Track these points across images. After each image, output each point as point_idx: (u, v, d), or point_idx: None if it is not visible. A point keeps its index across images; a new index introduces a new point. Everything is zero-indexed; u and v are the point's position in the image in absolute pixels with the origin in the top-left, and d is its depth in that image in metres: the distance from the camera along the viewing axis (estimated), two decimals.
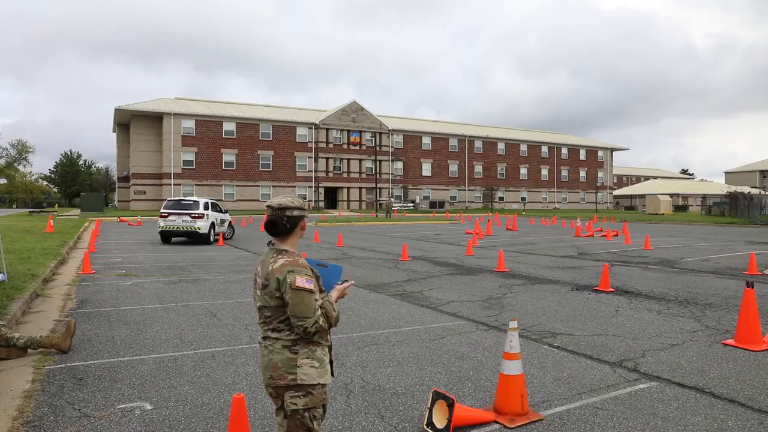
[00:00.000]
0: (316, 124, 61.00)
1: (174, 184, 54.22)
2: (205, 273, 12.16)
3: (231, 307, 8.39)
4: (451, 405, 3.78)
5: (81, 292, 9.64)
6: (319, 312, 2.51)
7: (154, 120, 55.51)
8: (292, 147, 60.20)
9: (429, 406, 3.94)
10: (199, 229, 19.22)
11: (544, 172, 78.07)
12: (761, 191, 53.96)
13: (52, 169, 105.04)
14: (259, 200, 57.81)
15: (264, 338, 2.64)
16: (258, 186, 58.46)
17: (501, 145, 74.46)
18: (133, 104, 55.21)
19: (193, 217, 19.13)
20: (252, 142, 58.11)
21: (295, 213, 2.64)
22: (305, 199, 58.79)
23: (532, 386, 4.83)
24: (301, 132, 60.69)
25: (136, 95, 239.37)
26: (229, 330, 6.88)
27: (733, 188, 58.32)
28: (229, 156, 56.99)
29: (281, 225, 2.62)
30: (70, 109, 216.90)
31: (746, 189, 57.63)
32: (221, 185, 56.67)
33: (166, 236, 19.72)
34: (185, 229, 19.14)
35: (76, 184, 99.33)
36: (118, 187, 63.90)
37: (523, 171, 76.25)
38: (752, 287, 6.27)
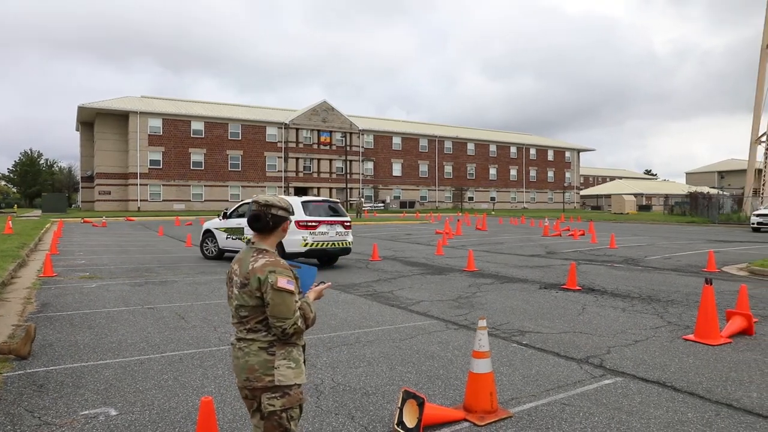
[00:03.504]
0: (286, 124, 60.53)
1: (140, 184, 53.12)
2: (173, 275, 11.94)
3: (199, 309, 8.26)
4: (421, 404, 3.80)
5: (42, 295, 9.35)
6: (298, 313, 2.51)
7: (120, 119, 54.25)
8: (262, 147, 59.62)
9: (399, 405, 3.95)
10: (351, 244, 13.76)
11: (513, 172, 79.16)
12: (719, 191, 55.86)
13: (11, 168, 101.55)
14: (228, 201, 57.05)
15: (238, 339, 2.60)
16: (227, 186, 57.70)
17: (470, 146, 75.19)
18: (98, 102, 53.84)
19: (346, 227, 13.52)
20: (221, 142, 57.31)
21: (280, 213, 2.66)
22: None
23: (501, 384, 4.89)
24: (271, 132, 60.15)
25: (101, 94, 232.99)
26: (197, 332, 6.77)
27: (693, 188, 60.19)
28: (197, 156, 56.09)
29: (265, 221, 2.63)
30: (30, 107, 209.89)
31: (705, 189, 59.53)
32: (189, 185, 55.74)
33: (299, 257, 12.75)
34: (340, 245, 13.34)
35: (37, 184, 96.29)
36: (82, 188, 62.28)
37: (493, 171, 77.15)
38: (711, 284, 6.49)
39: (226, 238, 14.79)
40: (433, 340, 6.46)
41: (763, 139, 39.84)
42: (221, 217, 15.26)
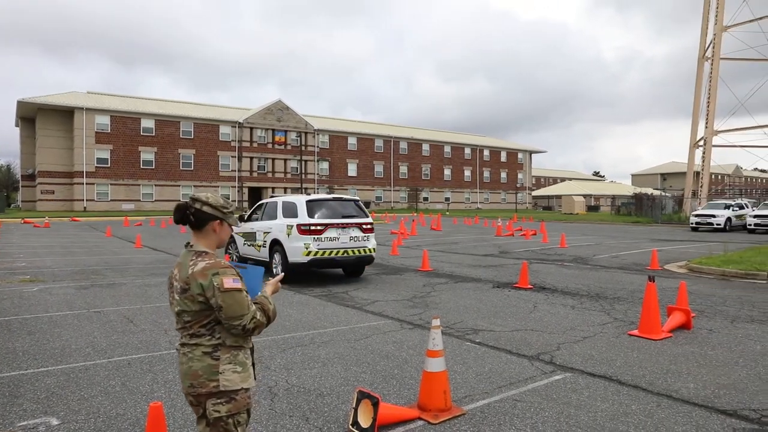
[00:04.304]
0: (240, 123, 59.47)
1: (87, 183, 51.09)
2: (121, 277, 11.54)
3: (149, 311, 8.02)
4: (375, 404, 3.81)
5: None
6: (253, 307, 2.45)
7: (64, 115, 51.99)
8: (215, 146, 58.37)
9: (354, 405, 3.95)
10: (373, 251, 11.60)
11: (467, 173, 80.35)
12: (662, 193, 58.38)
13: None
14: (179, 201, 55.49)
15: (182, 344, 2.52)
16: (179, 186, 56.22)
17: (426, 147, 75.87)
18: (40, 97, 51.37)
19: (365, 230, 11.46)
20: (172, 141, 55.77)
21: (205, 209, 2.52)
22: (228, 199, 57.30)
23: (455, 382, 4.96)
24: (225, 130, 58.97)
25: (43, 88, 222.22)
26: (146, 336, 6.57)
27: (638, 190, 62.65)
28: (147, 154, 54.39)
29: (183, 213, 2.51)
30: None
31: (649, 190, 62.11)
32: (139, 185, 54.01)
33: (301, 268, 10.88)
34: (355, 253, 11.18)
35: None
36: (23, 186, 59.39)
37: (447, 172, 78.08)
38: (654, 281, 6.78)
39: (243, 244, 13.06)
40: (387, 340, 6.49)
41: (701, 143, 41.87)
42: (240, 221, 13.64)
